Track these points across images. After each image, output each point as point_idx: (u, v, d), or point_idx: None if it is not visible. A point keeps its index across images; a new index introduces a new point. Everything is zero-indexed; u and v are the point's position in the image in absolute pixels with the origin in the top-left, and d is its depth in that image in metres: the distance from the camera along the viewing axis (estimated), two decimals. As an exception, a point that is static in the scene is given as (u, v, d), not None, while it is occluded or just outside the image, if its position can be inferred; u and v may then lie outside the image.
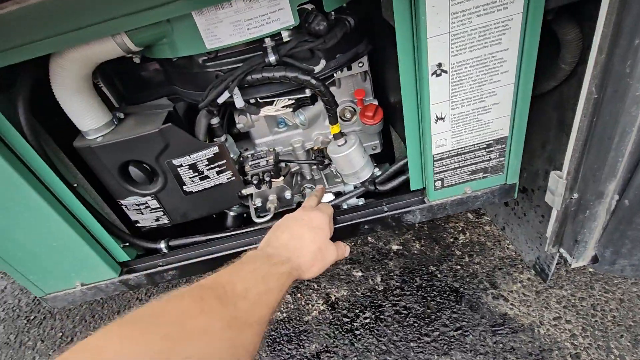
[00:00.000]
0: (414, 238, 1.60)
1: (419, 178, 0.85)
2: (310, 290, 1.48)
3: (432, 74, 0.67)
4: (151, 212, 0.89)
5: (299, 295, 1.48)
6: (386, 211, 0.88)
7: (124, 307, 1.57)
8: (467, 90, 0.69)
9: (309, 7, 0.70)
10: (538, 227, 0.96)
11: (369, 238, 1.65)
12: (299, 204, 1.02)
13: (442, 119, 0.73)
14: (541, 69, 0.80)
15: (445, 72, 0.67)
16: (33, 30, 0.59)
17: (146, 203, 0.87)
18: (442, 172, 0.81)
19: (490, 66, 0.67)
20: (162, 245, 0.95)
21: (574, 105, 0.65)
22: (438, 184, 0.83)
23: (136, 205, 0.88)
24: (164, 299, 0.48)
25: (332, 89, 0.90)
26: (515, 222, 1.25)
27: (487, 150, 0.79)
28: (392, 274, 1.47)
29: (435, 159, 0.79)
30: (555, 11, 0.68)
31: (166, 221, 0.91)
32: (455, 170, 0.81)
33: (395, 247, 1.58)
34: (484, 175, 0.83)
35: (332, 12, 0.74)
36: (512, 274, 1.35)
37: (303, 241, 0.71)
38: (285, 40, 0.72)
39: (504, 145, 0.78)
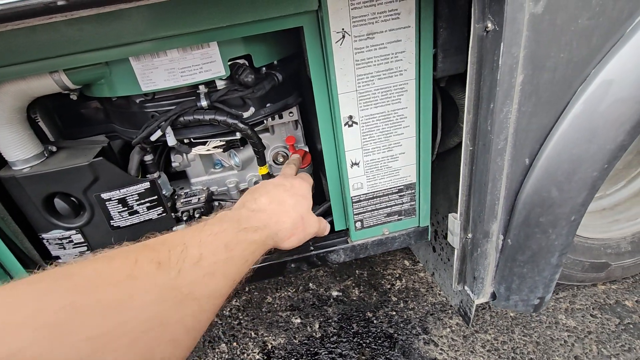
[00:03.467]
0: (353, 284, 1.63)
1: (342, 219, 0.92)
2: (247, 339, 1.44)
3: (345, 125, 0.76)
4: (74, 247, 0.87)
5: (234, 344, 1.43)
6: (312, 250, 0.93)
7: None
8: (376, 140, 0.80)
9: (242, 61, 0.79)
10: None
11: (310, 284, 1.66)
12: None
13: (356, 164, 0.82)
14: (448, 128, 0.94)
15: (356, 123, 0.77)
16: (-32, 62, 0.63)
17: (70, 237, 0.85)
18: (361, 214, 0.89)
19: (393, 121, 0.78)
20: (83, 282, 0.91)
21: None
22: (358, 224, 0.90)
23: (59, 239, 0.86)
24: (92, 257, 0.40)
25: (266, 135, 0.98)
26: (442, 267, 1.33)
27: (399, 194, 0.88)
28: (330, 320, 1.48)
29: (353, 200, 0.86)
30: (446, 79, 0.83)
31: (89, 256, 0.89)
32: (372, 212, 0.89)
33: (335, 294, 1.60)
34: (399, 217, 0.91)
35: (263, 67, 0.84)
36: (443, 319, 1.41)
37: (284, 206, 0.63)
38: (218, 87, 0.80)
39: (413, 191, 0.88)
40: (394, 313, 1.46)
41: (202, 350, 1.39)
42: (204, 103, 0.76)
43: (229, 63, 0.77)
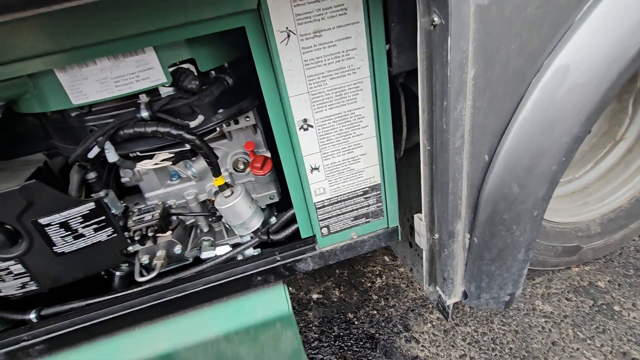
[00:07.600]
0: (334, 285, 1.60)
1: (308, 226, 0.88)
2: (225, 351, 1.39)
3: (300, 129, 0.72)
4: (15, 279, 0.80)
5: None
6: (279, 261, 0.88)
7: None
8: (335, 143, 0.76)
9: (187, 66, 0.74)
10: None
11: (290, 288, 1.62)
12: (196, 259, 0.99)
13: (316, 169, 0.77)
14: (414, 123, 0.91)
15: (312, 126, 0.72)
16: None
17: (8, 269, 0.78)
18: (326, 219, 0.85)
19: (351, 121, 0.74)
20: (31, 315, 0.84)
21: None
22: (325, 230, 0.86)
23: (-3, 271, 0.79)
24: None
25: (224, 141, 0.93)
26: (419, 263, 1.31)
27: (364, 196, 0.84)
28: (311, 325, 1.44)
29: (317, 206, 0.82)
30: (405, 74, 0.79)
31: (34, 287, 0.82)
32: (339, 217, 0.85)
33: (315, 296, 1.57)
34: (367, 220, 0.88)
35: (212, 72, 0.78)
36: (423, 314, 1.39)
37: None
38: (163, 96, 0.74)
39: (379, 192, 0.85)
40: (375, 312, 1.44)
41: (177, 369, 1.32)
42: (144, 114, 0.70)
43: (172, 69, 0.71)
